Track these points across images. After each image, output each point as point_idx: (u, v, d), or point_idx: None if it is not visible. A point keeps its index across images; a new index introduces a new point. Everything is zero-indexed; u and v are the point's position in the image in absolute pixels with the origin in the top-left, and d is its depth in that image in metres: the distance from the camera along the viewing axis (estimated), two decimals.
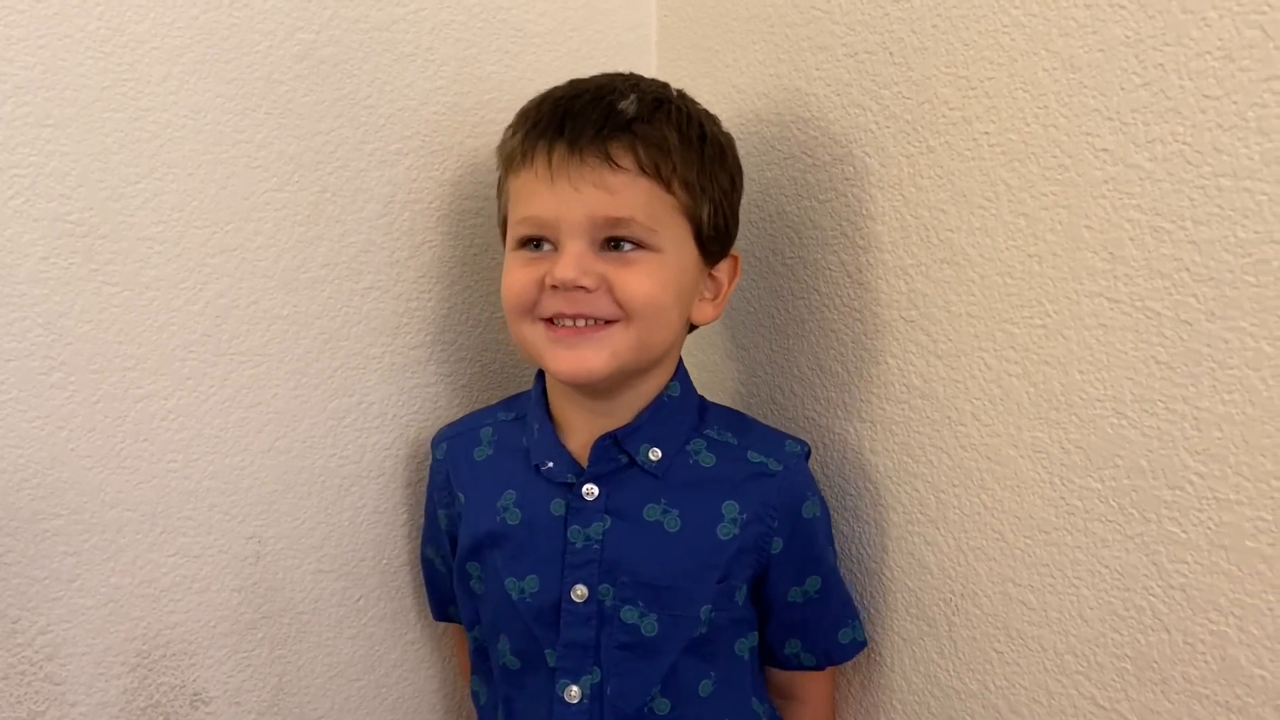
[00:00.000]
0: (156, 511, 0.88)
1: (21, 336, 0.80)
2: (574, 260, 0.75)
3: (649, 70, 1.09)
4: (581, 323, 0.77)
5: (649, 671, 0.82)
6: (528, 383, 1.06)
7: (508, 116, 0.99)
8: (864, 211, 0.85)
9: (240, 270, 0.89)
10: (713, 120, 0.83)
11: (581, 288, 0.75)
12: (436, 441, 0.95)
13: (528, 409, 0.89)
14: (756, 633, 0.88)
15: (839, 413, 0.91)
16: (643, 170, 0.75)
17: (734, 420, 0.89)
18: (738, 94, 0.98)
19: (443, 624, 1.04)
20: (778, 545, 0.83)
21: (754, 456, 0.84)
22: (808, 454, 0.87)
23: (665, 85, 0.83)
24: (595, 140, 0.75)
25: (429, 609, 1.02)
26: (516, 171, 0.79)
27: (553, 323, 0.78)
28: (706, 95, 1.02)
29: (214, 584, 0.92)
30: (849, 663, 0.92)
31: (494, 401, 1.04)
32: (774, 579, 0.85)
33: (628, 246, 0.76)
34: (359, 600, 1.00)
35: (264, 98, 0.87)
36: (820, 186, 0.90)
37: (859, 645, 0.89)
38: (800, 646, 0.88)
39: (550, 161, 0.76)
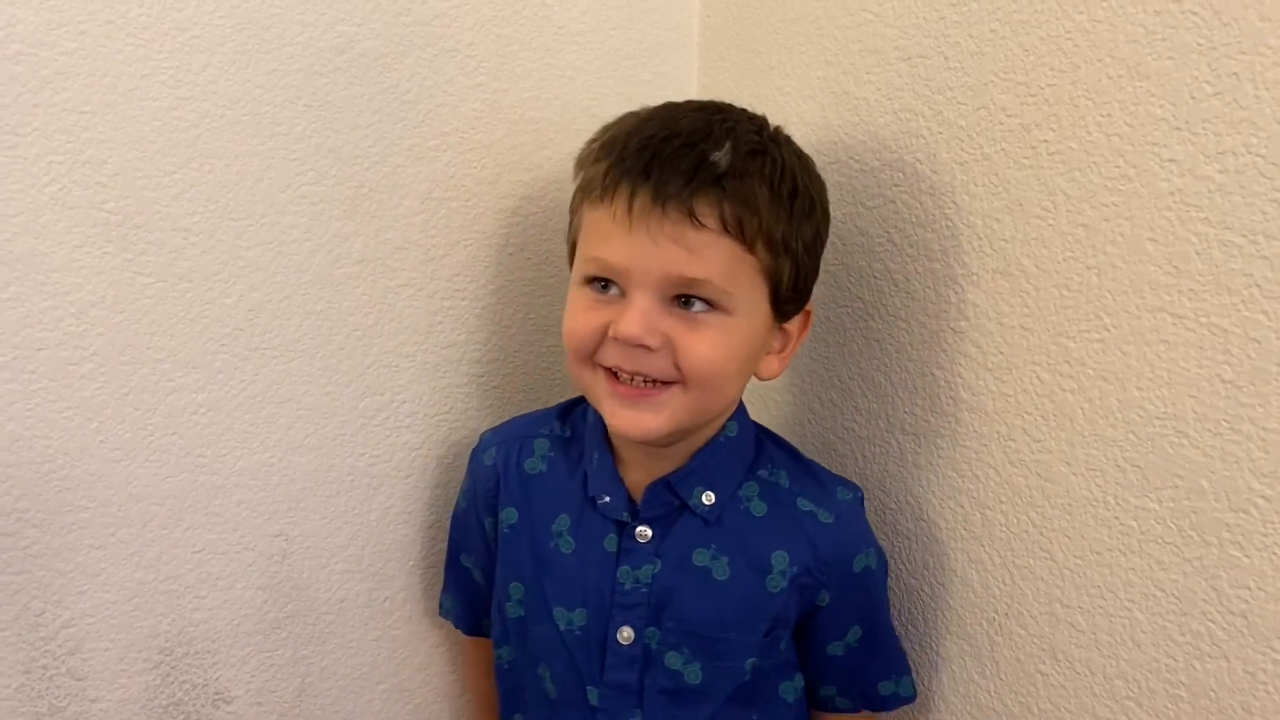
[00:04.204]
0: (184, 506, 0.87)
1: (53, 326, 0.79)
2: (640, 316, 0.71)
3: (690, 73, 1.08)
4: (640, 380, 0.74)
5: (692, 718, 0.80)
6: (560, 385, 1.05)
7: (547, 115, 0.99)
8: (913, 219, 0.84)
9: (275, 264, 0.87)
10: (806, 168, 0.78)
11: (644, 346, 0.71)
12: (484, 446, 0.91)
13: (584, 429, 0.86)
14: (801, 675, 0.85)
15: (880, 424, 0.89)
16: (726, 230, 0.70)
17: (788, 459, 0.85)
18: (781, 96, 0.97)
19: (471, 638, 1.01)
20: (825, 598, 0.81)
21: (804, 505, 0.81)
22: (862, 498, 0.84)
23: (762, 128, 0.76)
24: (681, 193, 0.69)
25: (458, 622, 0.99)
26: (594, 205, 0.74)
27: (615, 376, 0.75)
28: (748, 98, 1.00)
29: (239, 581, 0.91)
30: None
31: (523, 405, 1.02)
32: (820, 627, 0.82)
33: (698, 305, 0.72)
34: (384, 602, 0.99)
35: (303, 90, 0.86)
36: (867, 192, 0.88)
37: (902, 699, 0.86)
38: (836, 691, 0.86)
39: (631, 207, 0.70)
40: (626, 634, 0.80)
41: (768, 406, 1.03)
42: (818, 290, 0.94)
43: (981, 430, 0.80)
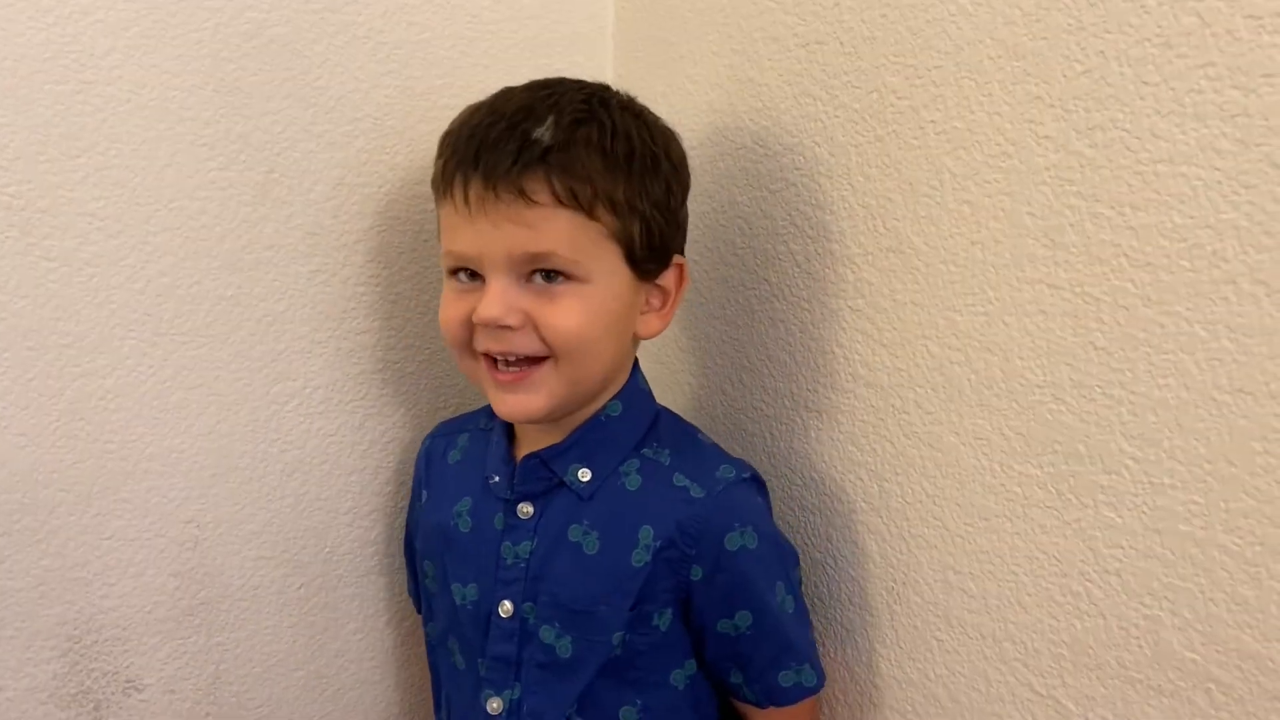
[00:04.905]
0: (92, 493, 0.87)
1: None
2: (497, 298, 0.74)
3: (605, 63, 1.09)
4: (513, 358, 0.76)
5: (564, 691, 0.81)
6: None
7: (461, 102, 0.98)
8: (813, 201, 0.86)
9: (183, 249, 0.87)
10: (646, 126, 0.79)
11: (506, 326, 0.74)
12: (426, 436, 0.96)
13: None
14: (694, 661, 0.84)
15: (786, 402, 0.91)
16: (560, 202, 0.73)
17: (679, 437, 0.85)
18: (692, 85, 0.98)
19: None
20: (698, 573, 0.79)
21: (679, 480, 0.81)
22: (750, 479, 0.82)
23: (592, 95, 0.78)
24: (509, 174, 0.72)
25: (414, 602, 1.02)
26: (441, 200, 0.79)
27: (495, 363, 0.77)
28: (662, 86, 1.02)
29: (150, 568, 0.90)
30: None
31: (438, 391, 1.04)
32: (699, 606, 0.81)
33: (554, 278, 0.75)
34: (300, 588, 0.99)
35: (211, 75, 0.86)
36: (771, 176, 0.90)
37: (806, 690, 0.83)
38: (743, 680, 0.84)
39: (468, 197, 0.74)
40: (507, 608, 0.82)
41: (680, 388, 1.04)
42: (727, 273, 0.96)
43: (878, 405, 0.82)
